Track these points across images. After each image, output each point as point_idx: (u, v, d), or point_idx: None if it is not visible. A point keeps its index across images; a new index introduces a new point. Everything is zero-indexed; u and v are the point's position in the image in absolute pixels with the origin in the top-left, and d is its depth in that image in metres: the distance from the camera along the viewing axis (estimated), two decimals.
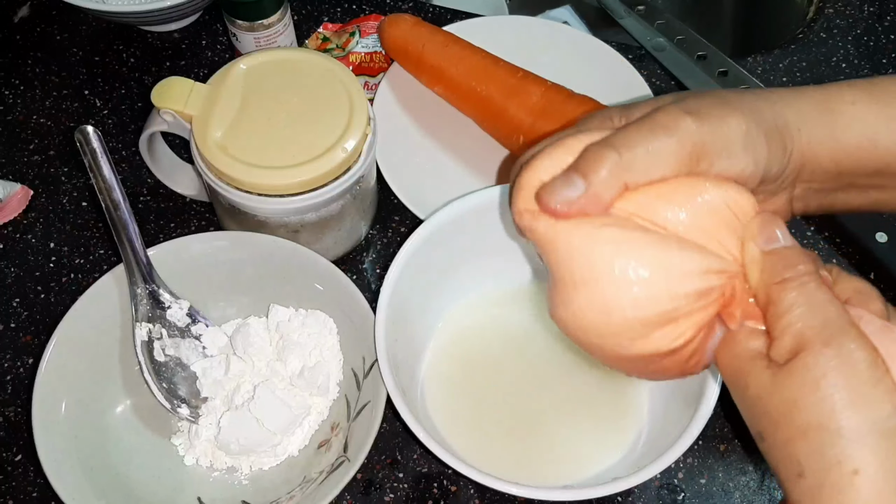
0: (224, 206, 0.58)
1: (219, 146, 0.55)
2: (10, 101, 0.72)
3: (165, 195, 0.67)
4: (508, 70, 0.64)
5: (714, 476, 0.56)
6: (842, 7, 0.77)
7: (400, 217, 0.66)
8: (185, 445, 0.56)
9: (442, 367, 0.58)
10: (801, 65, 0.73)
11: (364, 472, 0.57)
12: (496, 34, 0.70)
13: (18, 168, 0.69)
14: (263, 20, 0.65)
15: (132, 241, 0.54)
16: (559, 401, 0.57)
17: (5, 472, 0.57)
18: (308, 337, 0.56)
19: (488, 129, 0.67)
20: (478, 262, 0.58)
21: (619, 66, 0.69)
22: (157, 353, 0.55)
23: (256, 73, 0.58)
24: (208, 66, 0.74)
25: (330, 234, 0.60)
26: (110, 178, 0.54)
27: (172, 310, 0.56)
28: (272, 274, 0.58)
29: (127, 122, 0.71)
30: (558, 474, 0.54)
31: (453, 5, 0.76)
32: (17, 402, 0.59)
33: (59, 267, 0.64)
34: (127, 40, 0.75)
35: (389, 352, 0.51)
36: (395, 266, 0.53)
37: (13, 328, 0.62)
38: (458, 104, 0.67)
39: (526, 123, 0.63)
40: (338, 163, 0.55)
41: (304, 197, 0.55)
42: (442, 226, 0.55)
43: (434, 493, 0.56)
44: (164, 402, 0.55)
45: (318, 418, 0.56)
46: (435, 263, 0.56)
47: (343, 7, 0.77)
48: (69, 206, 0.67)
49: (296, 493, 0.53)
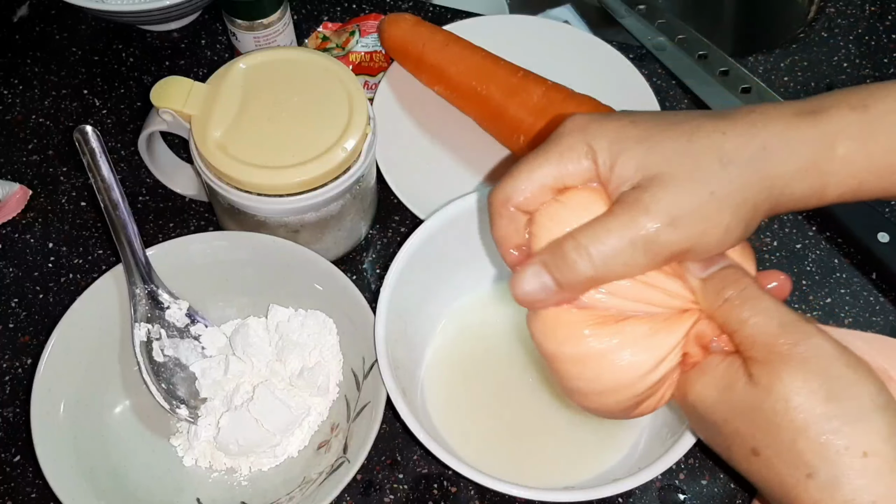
0: (223, 206, 0.58)
1: (218, 146, 0.54)
2: (8, 100, 0.72)
3: (164, 195, 0.66)
4: (509, 69, 0.64)
5: (716, 477, 0.56)
6: (843, 6, 0.77)
7: (400, 217, 0.66)
8: (184, 446, 0.56)
9: (442, 368, 0.58)
10: (803, 64, 0.73)
11: (364, 472, 0.57)
12: (496, 34, 0.70)
13: (17, 168, 0.68)
14: (263, 19, 0.65)
15: (131, 241, 0.54)
16: (559, 401, 0.56)
17: (4, 473, 0.57)
18: (308, 337, 0.56)
19: (488, 129, 0.67)
20: (478, 262, 0.58)
21: (620, 66, 0.69)
22: (156, 354, 0.55)
23: (256, 73, 0.58)
24: (207, 65, 0.74)
25: (330, 234, 0.60)
26: (109, 178, 0.54)
27: (171, 310, 0.56)
28: (272, 274, 0.58)
29: (126, 122, 0.71)
30: (558, 475, 0.54)
31: (453, 4, 0.76)
32: (15, 403, 0.59)
33: (57, 267, 0.64)
34: (126, 40, 0.75)
35: (389, 352, 0.51)
36: (394, 266, 0.53)
37: (12, 328, 0.62)
38: (458, 104, 0.67)
39: (526, 123, 0.63)
40: (337, 162, 0.54)
41: (304, 197, 0.55)
42: (441, 226, 0.55)
43: (434, 494, 0.56)
44: (163, 403, 0.55)
45: (317, 419, 0.56)
46: (435, 263, 0.56)
47: (343, 6, 0.77)
48: (68, 205, 0.67)
49: (295, 493, 0.53)
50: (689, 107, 0.71)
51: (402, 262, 0.53)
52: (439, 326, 0.59)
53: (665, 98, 0.71)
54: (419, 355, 0.58)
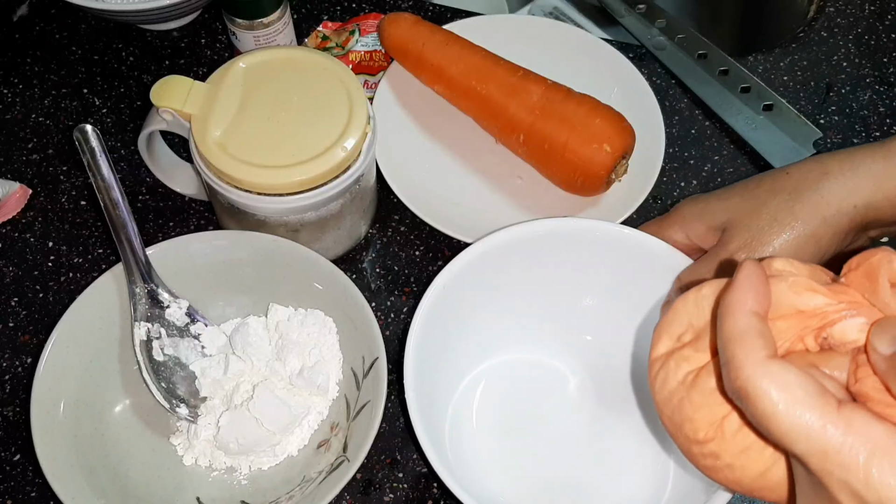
0: (223, 205, 0.58)
1: (218, 145, 0.54)
2: (8, 99, 0.72)
3: (164, 194, 0.67)
4: (508, 69, 0.64)
5: None
6: (843, 6, 0.77)
7: (400, 216, 0.66)
8: (184, 445, 0.56)
9: (473, 404, 0.58)
10: (802, 63, 0.73)
11: (363, 471, 0.57)
12: (496, 33, 0.70)
13: (17, 167, 0.68)
14: (263, 18, 0.65)
15: (131, 240, 0.54)
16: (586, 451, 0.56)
17: (4, 472, 0.57)
18: (307, 336, 0.56)
19: (488, 128, 0.67)
20: (518, 296, 0.58)
21: (620, 65, 0.69)
22: (156, 353, 0.55)
23: (256, 72, 0.58)
24: (207, 64, 0.74)
25: (330, 234, 0.60)
26: (109, 177, 0.54)
27: (171, 309, 0.56)
28: (271, 273, 0.58)
29: (126, 121, 0.71)
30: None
31: (453, 4, 0.76)
32: (15, 402, 0.59)
33: (57, 266, 0.64)
34: (126, 39, 0.75)
35: (419, 392, 0.50)
36: (431, 291, 0.53)
37: (12, 327, 0.62)
38: (457, 103, 0.67)
39: (526, 122, 0.63)
40: (337, 162, 0.54)
41: (304, 196, 0.55)
42: (477, 257, 0.54)
43: (434, 493, 0.56)
44: (163, 402, 0.55)
45: (317, 418, 0.56)
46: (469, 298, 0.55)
47: (343, 6, 0.77)
48: (68, 205, 0.67)
49: (295, 492, 0.53)
50: (688, 106, 0.71)
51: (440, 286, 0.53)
52: (471, 367, 0.58)
53: (665, 98, 0.71)
54: (449, 392, 0.57)
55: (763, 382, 0.31)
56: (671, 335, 0.37)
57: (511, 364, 0.59)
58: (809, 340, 0.34)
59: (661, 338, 0.38)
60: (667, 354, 0.37)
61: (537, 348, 0.59)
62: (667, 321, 0.38)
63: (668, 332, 0.38)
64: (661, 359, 0.37)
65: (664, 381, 0.37)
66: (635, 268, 0.55)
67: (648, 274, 0.54)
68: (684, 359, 0.36)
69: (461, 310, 0.55)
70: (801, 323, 0.34)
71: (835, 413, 0.30)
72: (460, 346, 0.57)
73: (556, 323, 0.59)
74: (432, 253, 0.65)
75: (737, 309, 0.33)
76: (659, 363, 0.37)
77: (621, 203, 0.63)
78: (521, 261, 0.56)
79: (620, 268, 0.55)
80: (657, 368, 0.37)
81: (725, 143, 0.69)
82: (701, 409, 0.35)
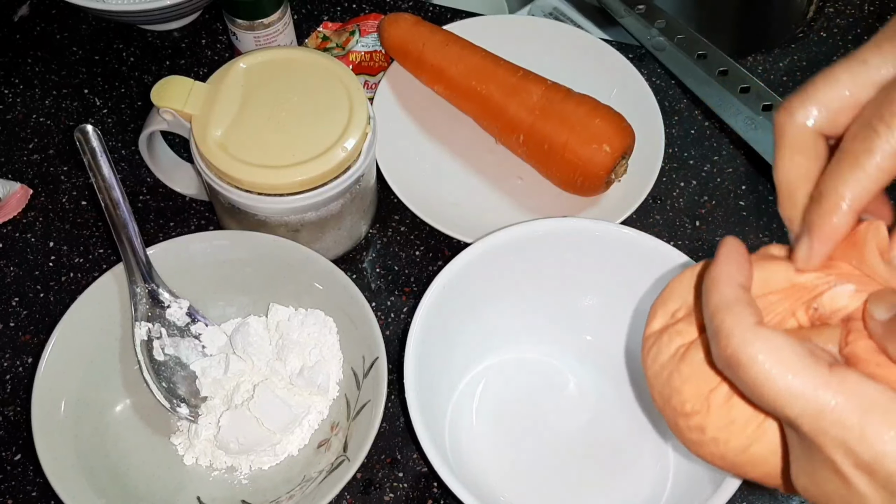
0: (224, 206, 0.58)
1: (218, 145, 0.55)
2: (9, 99, 0.72)
3: (165, 194, 0.67)
4: (508, 69, 0.64)
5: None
6: (842, 6, 0.77)
7: (400, 216, 0.66)
8: (184, 445, 0.56)
9: (473, 404, 0.58)
10: (802, 64, 0.73)
11: (364, 471, 0.57)
12: (496, 33, 0.70)
13: (18, 167, 0.69)
14: (263, 19, 0.65)
15: (132, 240, 0.54)
16: (586, 450, 0.56)
17: (5, 472, 0.57)
18: (308, 336, 0.56)
19: (488, 129, 0.67)
20: (518, 296, 0.58)
21: (620, 66, 0.69)
22: (157, 353, 0.55)
23: (256, 73, 0.58)
24: (208, 65, 0.74)
25: (330, 234, 0.60)
26: (110, 177, 0.54)
27: (172, 309, 0.56)
28: (272, 273, 0.58)
29: (126, 122, 0.71)
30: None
31: (453, 4, 0.76)
32: (16, 402, 0.59)
33: (58, 266, 0.64)
34: (127, 39, 0.75)
35: (419, 391, 0.50)
36: (431, 290, 0.53)
37: (12, 327, 0.62)
38: (457, 103, 0.67)
39: (526, 122, 0.63)
40: (337, 162, 0.55)
41: (304, 196, 0.55)
42: (477, 257, 0.54)
43: (434, 493, 0.56)
44: (164, 402, 0.55)
45: (317, 418, 0.56)
46: (471, 295, 0.55)
47: (343, 6, 0.77)
48: (69, 205, 0.67)
49: (295, 492, 0.53)
50: (687, 107, 0.71)
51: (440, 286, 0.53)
52: (474, 362, 0.59)
53: (664, 98, 0.71)
54: (450, 388, 0.57)
55: (753, 348, 0.30)
56: (666, 311, 0.38)
57: (511, 364, 0.59)
58: (801, 315, 0.34)
59: (655, 314, 0.38)
60: (660, 330, 0.37)
61: (537, 348, 0.59)
62: (662, 298, 0.38)
63: (662, 308, 0.38)
64: (655, 335, 0.37)
65: (656, 356, 0.37)
66: (635, 268, 0.55)
67: (648, 274, 0.54)
68: (677, 333, 0.36)
69: (461, 310, 0.55)
70: (792, 296, 0.34)
71: (827, 374, 0.30)
72: (460, 346, 0.57)
73: (556, 323, 0.59)
74: (432, 253, 0.65)
75: (722, 281, 0.33)
76: (652, 339, 0.37)
77: (621, 203, 0.63)
78: (521, 261, 0.56)
79: (620, 268, 0.55)
80: (650, 344, 0.37)
81: (725, 143, 0.70)
82: (689, 381, 0.35)
